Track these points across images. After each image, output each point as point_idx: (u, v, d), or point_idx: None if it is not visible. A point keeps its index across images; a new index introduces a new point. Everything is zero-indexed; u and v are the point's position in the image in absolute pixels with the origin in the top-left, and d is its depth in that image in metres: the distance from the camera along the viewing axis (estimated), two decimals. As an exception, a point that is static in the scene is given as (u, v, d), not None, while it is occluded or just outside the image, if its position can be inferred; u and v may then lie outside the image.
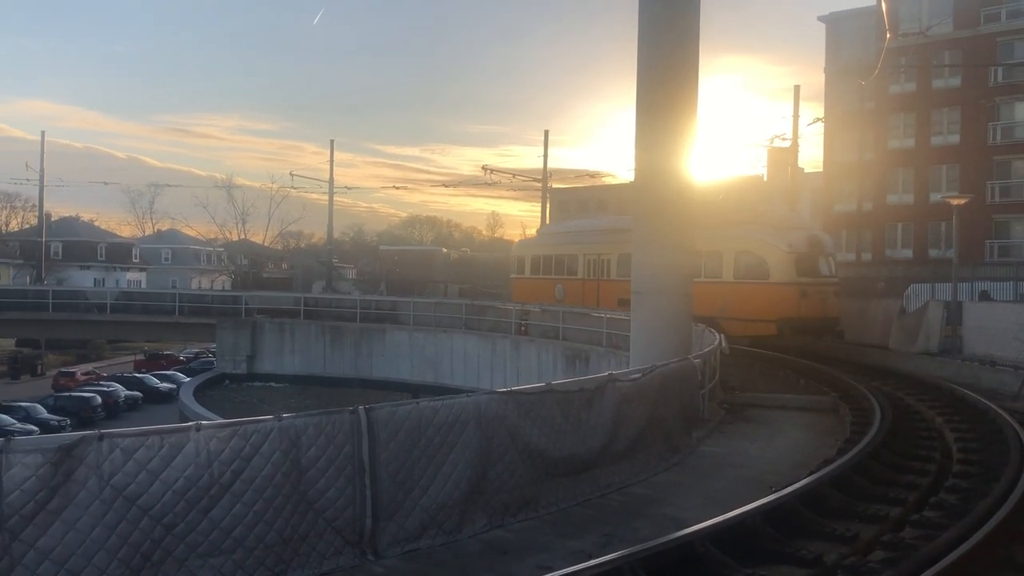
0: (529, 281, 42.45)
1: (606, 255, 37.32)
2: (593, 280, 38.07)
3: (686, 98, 16.12)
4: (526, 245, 46.93)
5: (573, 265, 39.64)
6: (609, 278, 36.62)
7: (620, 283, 34.10)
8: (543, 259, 42.00)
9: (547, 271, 41.32)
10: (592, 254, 38.46)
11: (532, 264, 42.64)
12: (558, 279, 40.44)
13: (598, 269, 37.67)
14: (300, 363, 43.87)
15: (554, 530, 8.96)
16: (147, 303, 50.32)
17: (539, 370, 33.02)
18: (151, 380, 64.64)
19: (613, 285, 35.63)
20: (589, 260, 38.56)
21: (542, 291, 40.68)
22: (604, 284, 37.00)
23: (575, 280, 39.14)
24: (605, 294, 36.53)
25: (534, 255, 43.02)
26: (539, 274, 41.81)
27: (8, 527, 5.94)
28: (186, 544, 6.72)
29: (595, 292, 37.46)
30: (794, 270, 29.11)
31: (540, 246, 43.70)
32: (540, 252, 42.74)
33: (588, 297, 37.50)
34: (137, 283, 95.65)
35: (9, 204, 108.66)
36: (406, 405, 8.54)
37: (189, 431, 6.89)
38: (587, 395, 10.64)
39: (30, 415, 50.44)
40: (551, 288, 40.48)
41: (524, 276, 42.91)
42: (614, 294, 35.05)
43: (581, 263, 39.16)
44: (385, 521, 7.99)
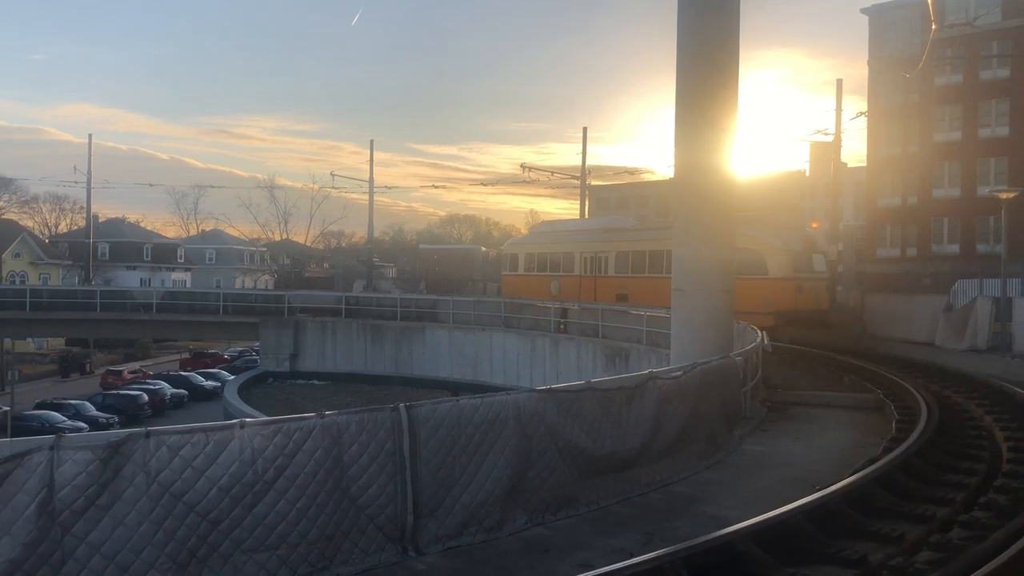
0: (522, 278, 44.19)
1: (603, 253, 39.28)
2: (590, 277, 39.81)
3: (726, 93, 15.98)
4: (518, 244, 48.61)
5: (569, 263, 41.47)
6: (606, 275, 38.69)
7: (617, 279, 38.16)
8: (537, 257, 43.86)
9: (542, 268, 43.13)
10: (589, 252, 40.25)
11: (526, 262, 44.43)
12: (554, 276, 42.24)
13: (595, 266, 39.51)
14: (342, 361, 44.26)
15: (595, 528, 8.94)
16: (192, 303, 51.13)
17: (579, 368, 32.93)
18: (196, 378, 65.70)
19: (610, 281, 38.18)
20: (586, 258, 40.39)
21: (536, 287, 42.26)
22: (601, 280, 38.95)
23: (572, 277, 40.94)
24: (602, 290, 38.48)
25: (527, 253, 44.87)
26: (533, 271, 43.64)
27: (60, 522, 6.08)
28: (231, 540, 6.82)
29: (592, 288, 39.21)
30: (790, 266, 31.25)
31: (533, 244, 45.41)
32: (534, 250, 44.51)
33: (585, 293, 39.09)
34: (182, 283, 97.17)
35: (58, 206, 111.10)
36: (446, 403, 8.58)
37: (234, 428, 7.00)
38: (627, 393, 10.60)
39: (79, 412, 51.57)
40: (546, 285, 42.16)
41: (517, 273, 44.76)
42: (611, 290, 37.83)
43: (578, 261, 40.97)
44: (426, 518, 8.03)
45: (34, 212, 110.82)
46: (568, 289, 40.99)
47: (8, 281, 72.96)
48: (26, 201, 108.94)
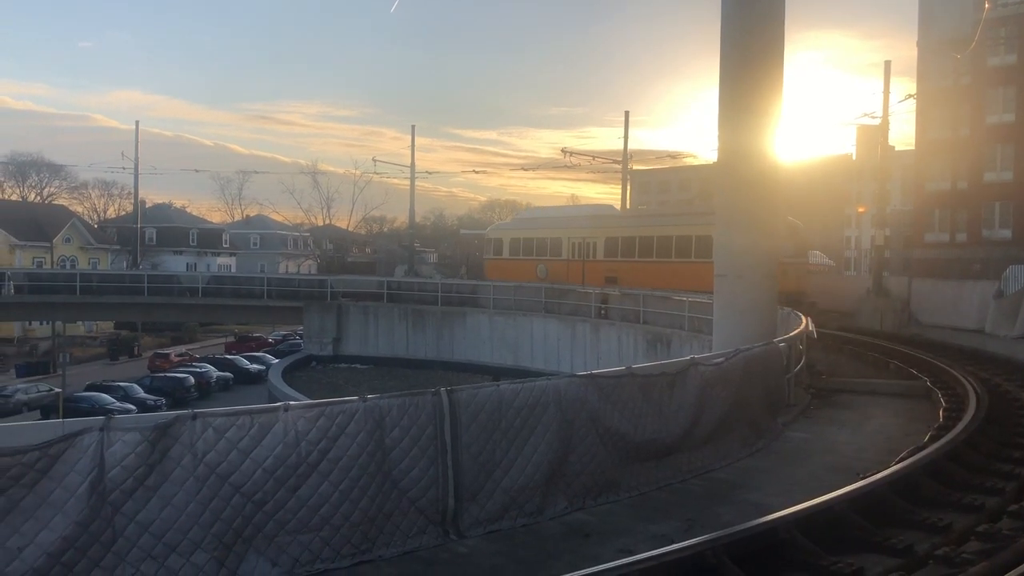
0: (507, 262, 46.32)
1: (591, 239, 42.13)
2: (578, 261, 42.61)
3: (771, 76, 15.74)
4: (502, 229, 50.82)
5: (557, 247, 44.14)
6: (595, 259, 41.73)
7: (606, 263, 41.26)
8: (523, 242, 46.18)
9: (528, 253, 45.63)
10: (577, 238, 42.98)
11: (511, 246, 46.76)
12: (540, 259, 44.75)
13: (584, 251, 42.32)
14: (384, 345, 44.62)
15: (635, 514, 8.93)
16: (237, 287, 51.83)
17: (620, 354, 32.82)
18: (241, 361, 66.66)
19: (599, 265, 41.24)
20: (574, 243, 43.09)
21: (522, 271, 44.38)
22: (590, 264, 41.92)
23: (559, 261, 43.64)
24: (591, 273, 41.34)
25: (512, 238, 47.14)
26: (519, 256, 45.99)
27: (111, 501, 6.22)
28: (275, 521, 6.93)
29: (580, 271, 41.88)
30: None
31: (518, 230, 47.58)
32: (519, 235, 46.80)
33: (573, 276, 41.75)
34: (227, 268, 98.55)
35: (107, 192, 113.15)
36: (487, 387, 8.60)
37: (278, 411, 7.09)
38: (669, 379, 10.55)
39: (128, 395, 52.64)
40: (532, 268, 44.54)
41: (502, 257, 46.83)
42: (600, 273, 40.75)
43: (566, 245, 43.62)
44: (467, 502, 8.08)
45: (83, 198, 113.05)
46: (555, 272, 43.20)
47: (59, 265, 74.63)
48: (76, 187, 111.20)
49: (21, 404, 52.75)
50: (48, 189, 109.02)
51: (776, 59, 15.85)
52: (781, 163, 16.67)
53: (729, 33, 15.98)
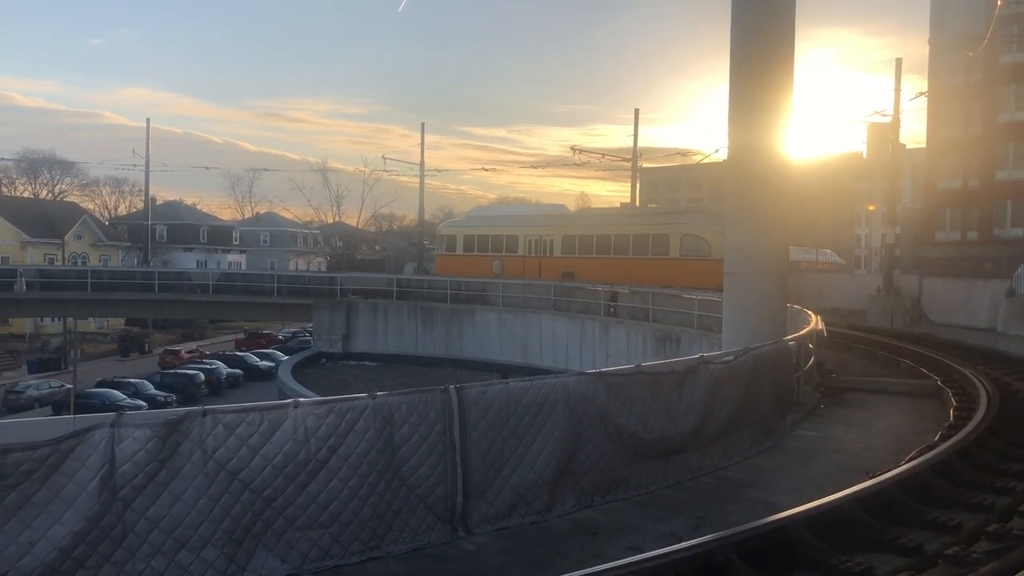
0: (460, 258, 48.06)
1: (548, 236, 44.49)
2: (535, 257, 44.90)
3: (780, 73, 15.69)
4: (454, 226, 52.27)
5: (513, 244, 46.13)
6: (552, 255, 44.17)
7: (563, 259, 43.76)
8: (477, 238, 47.86)
9: (482, 249, 47.34)
10: (533, 235, 45.23)
11: (464, 243, 48.44)
12: (496, 256, 46.65)
13: (540, 248, 44.65)
14: (393, 342, 44.67)
15: (644, 512, 8.93)
16: (247, 284, 51.97)
17: (628, 352, 32.79)
18: (251, 358, 66.86)
19: (556, 261, 43.78)
20: (530, 240, 45.30)
21: (476, 266, 46.19)
22: (546, 260, 44.25)
23: (515, 257, 45.76)
24: (547, 269, 43.53)
25: (466, 235, 48.72)
26: (473, 252, 47.76)
27: (121, 497, 6.25)
28: (285, 517, 6.96)
29: (537, 267, 44.18)
30: None
31: (471, 228, 49.31)
32: (473, 232, 48.50)
33: (529, 271, 43.96)
34: (237, 265, 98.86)
35: (118, 189, 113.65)
36: (496, 385, 8.61)
37: (287, 408, 7.11)
38: (678, 377, 10.54)
39: (139, 391, 52.88)
40: (487, 264, 46.45)
41: (455, 254, 48.71)
42: (557, 269, 43.11)
43: (522, 242, 45.71)
44: (476, 499, 8.09)
45: (94, 195, 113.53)
46: (511, 268, 45.26)
47: (70, 262, 74.96)
48: (87, 184, 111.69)
49: (33, 400, 53.06)
50: (59, 186, 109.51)
51: (786, 56, 15.80)
52: (791, 161, 16.63)
53: (739, 30, 15.95)
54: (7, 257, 73.12)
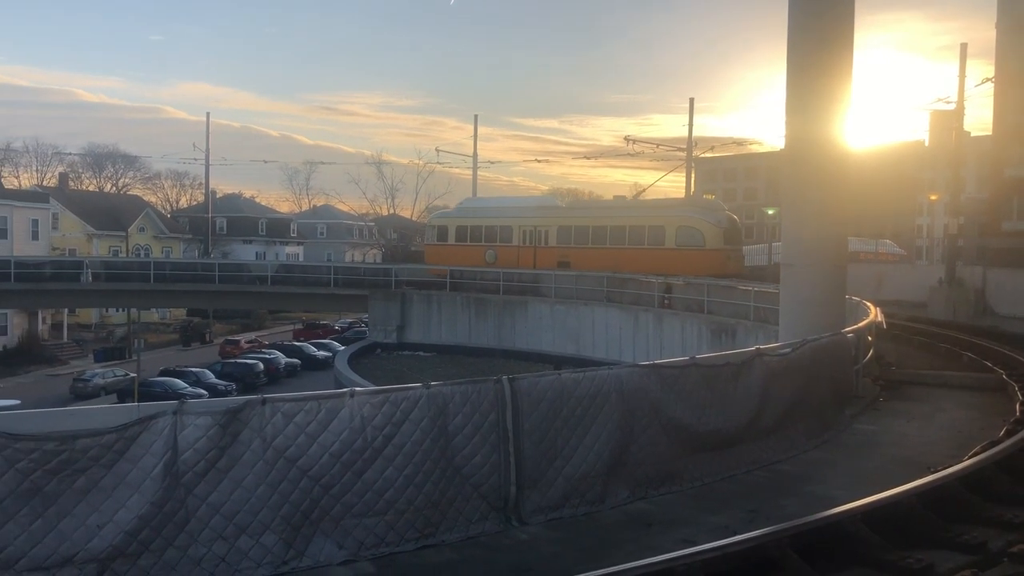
0: (452, 248, 49.31)
1: (544, 227, 46.43)
2: (529, 247, 46.51)
3: (839, 60, 15.39)
4: (445, 217, 53.97)
5: (507, 234, 47.80)
6: (547, 245, 46.01)
7: (558, 249, 45.56)
8: (470, 229, 49.39)
9: (475, 239, 48.90)
10: (528, 225, 46.89)
11: (456, 233, 49.84)
12: (489, 246, 48.17)
13: (535, 237, 46.41)
14: (446, 333, 44.98)
15: (697, 504, 8.88)
16: (304, 275, 52.79)
17: (683, 344, 32.55)
18: (309, 348, 67.90)
19: (551, 251, 45.65)
20: (524, 230, 46.97)
21: (468, 256, 47.62)
22: (541, 250, 46.03)
23: (510, 247, 47.33)
24: (542, 258, 45.39)
25: (458, 226, 50.18)
26: (465, 242, 49.20)
27: (184, 483, 6.43)
28: (342, 504, 7.07)
29: (531, 256, 45.83)
30: (722, 240, 40.63)
31: (463, 219, 50.78)
32: (465, 223, 50.01)
33: (523, 260, 45.67)
34: (295, 256, 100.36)
35: (179, 182, 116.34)
36: (548, 376, 8.63)
37: (344, 397, 7.22)
38: (733, 369, 10.44)
39: (200, 380, 54.09)
40: (480, 253, 47.96)
41: (446, 244, 49.95)
42: (552, 258, 45.08)
43: (516, 232, 47.34)
44: (529, 489, 8.13)
45: (156, 188, 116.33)
46: (505, 257, 46.80)
47: (134, 254, 76.90)
48: (149, 178, 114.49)
49: (99, 388, 54.67)
50: (123, 180, 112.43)
51: (845, 43, 15.48)
52: (850, 150, 16.31)
53: (797, 16, 15.67)
54: (74, 249, 75.30)
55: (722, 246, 40.57)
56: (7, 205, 67.61)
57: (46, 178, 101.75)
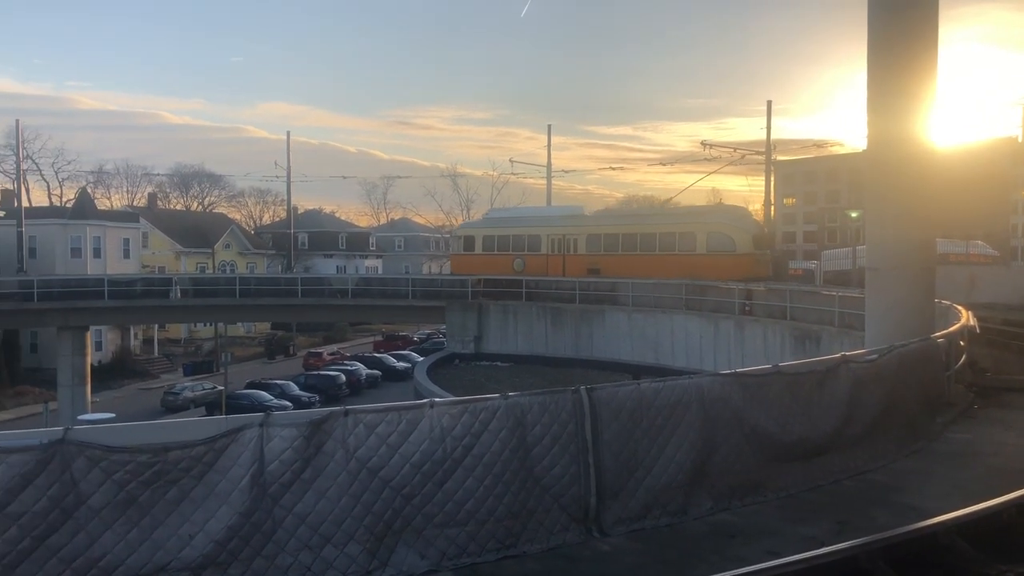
0: (480, 257, 50.60)
1: (572, 235, 47.52)
2: (558, 255, 47.55)
3: (923, 56, 14.91)
4: (473, 227, 55.48)
5: (535, 243, 48.83)
6: (576, 253, 47.09)
7: (588, 257, 46.73)
8: (497, 238, 50.47)
9: (503, 248, 49.94)
10: (556, 234, 48.01)
11: (484, 243, 50.93)
12: (517, 255, 49.32)
13: (563, 246, 47.52)
14: (523, 343, 45.00)
15: (783, 515, 8.68)
16: (383, 288, 53.57)
17: (766, 351, 31.90)
18: (388, 359, 68.90)
19: (581, 258, 46.71)
20: (553, 239, 48.09)
21: (497, 265, 48.83)
22: (571, 258, 47.14)
23: (538, 255, 48.43)
24: (571, 266, 46.52)
25: (485, 236, 51.38)
26: (493, 251, 50.33)
27: (270, 493, 6.57)
28: (423, 515, 7.13)
29: (560, 265, 46.98)
30: (751, 245, 42.17)
31: (490, 228, 52.22)
32: (492, 233, 51.19)
33: (553, 269, 46.84)
34: (374, 269, 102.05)
35: (262, 200, 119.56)
36: (627, 386, 8.56)
37: (424, 408, 7.29)
38: (818, 377, 10.19)
39: (284, 392, 55.38)
40: (508, 262, 49.11)
41: (473, 253, 51.28)
42: (582, 266, 46.15)
43: (544, 241, 48.43)
44: (609, 500, 8.07)
45: (240, 206, 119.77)
46: (534, 266, 48.02)
47: (220, 270, 79.22)
48: (233, 196, 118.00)
49: (188, 401, 56.48)
50: (209, 198, 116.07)
51: (929, 37, 15.00)
52: (936, 149, 15.79)
53: (877, 12, 15.26)
54: (163, 267, 78.03)
55: (752, 251, 42.06)
56: (100, 225, 70.47)
57: (136, 198, 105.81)
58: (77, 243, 68.04)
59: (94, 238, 69.21)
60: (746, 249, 41.82)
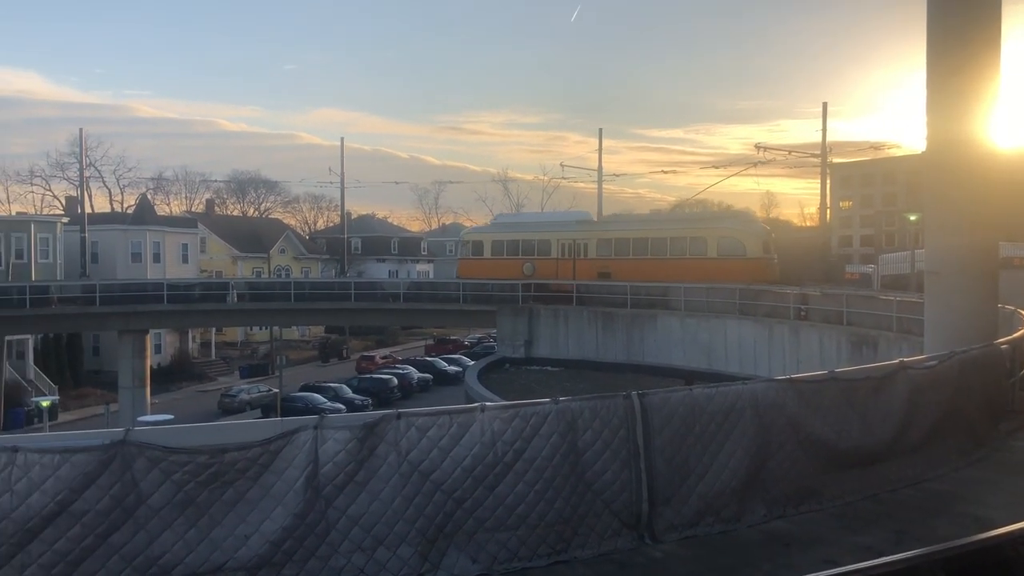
0: (489, 261, 51.68)
1: (583, 239, 49.10)
2: (567, 259, 49.00)
3: (985, 54, 14.54)
4: (480, 232, 56.53)
5: (545, 247, 50.21)
6: (587, 257, 48.63)
7: (599, 261, 48.25)
8: (506, 243, 51.80)
9: (512, 252, 51.25)
10: (566, 239, 49.51)
11: (492, 248, 52.23)
12: (527, 259, 50.50)
13: (573, 250, 49.08)
14: (574, 348, 44.86)
15: (839, 523, 8.53)
16: (435, 292, 53.92)
17: (821, 357, 31.38)
18: (440, 363, 69.31)
19: (591, 263, 48.23)
20: (563, 244, 49.54)
21: (505, 269, 49.70)
22: (581, 262, 48.53)
23: (548, 260, 49.71)
24: (582, 270, 47.96)
25: (494, 240, 52.63)
26: (502, 255, 51.47)
27: (324, 495, 6.66)
28: (475, 519, 7.16)
29: (570, 269, 48.26)
30: (762, 249, 43.89)
31: (498, 233, 53.42)
32: (501, 238, 52.53)
33: (563, 273, 48.16)
34: (426, 274, 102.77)
35: (316, 205, 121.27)
36: (679, 391, 8.50)
37: (475, 412, 7.32)
38: (875, 383, 10.00)
39: (338, 395, 56.03)
40: (517, 266, 50.09)
41: (482, 258, 52.45)
42: (593, 270, 47.69)
43: (555, 245, 49.80)
44: (661, 506, 8.01)
45: (295, 211, 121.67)
46: (544, 270, 49.14)
47: (275, 275, 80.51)
48: (288, 201, 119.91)
49: (244, 403, 57.49)
50: (264, 204, 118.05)
51: (991, 35, 14.62)
52: (999, 149, 15.39)
53: (936, 9, 14.93)
54: (220, 271, 79.53)
55: (762, 255, 43.75)
56: (160, 231, 72.19)
57: (194, 204, 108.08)
58: (137, 248, 69.79)
59: (154, 243, 70.93)
60: (757, 253, 43.60)
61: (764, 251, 43.89)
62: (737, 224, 45.89)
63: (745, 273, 41.42)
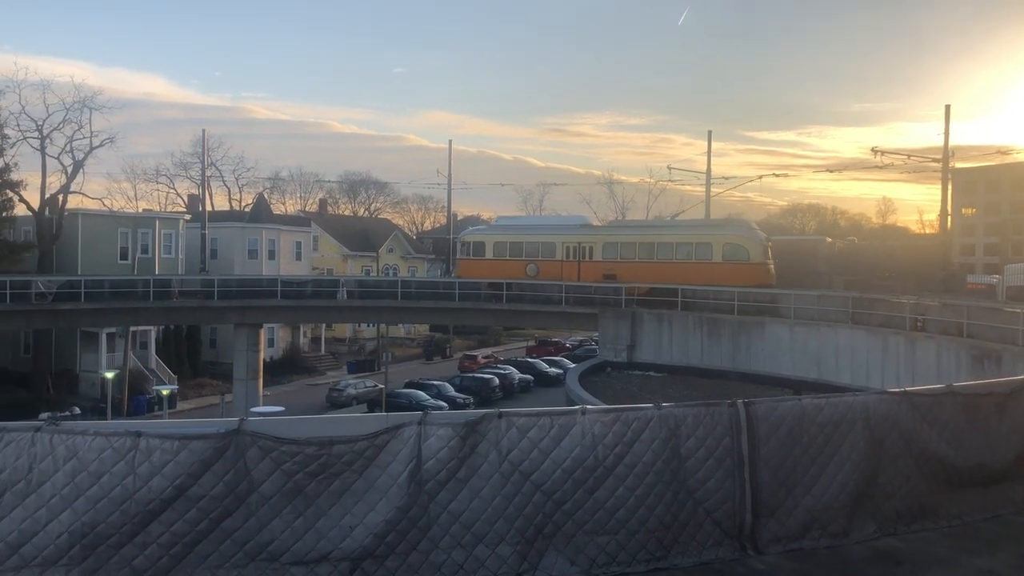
0: (491, 262, 53.49)
1: (588, 242, 51.34)
2: (572, 261, 51.13)
3: None
4: (482, 233, 58.45)
5: (550, 249, 52.28)
6: (592, 260, 50.89)
7: (604, 263, 50.75)
8: (509, 245, 53.85)
9: (515, 254, 53.36)
10: (572, 241, 51.71)
11: (494, 249, 54.09)
12: (530, 260, 52.69)
13: (579, 253, 51.23)
14: (677, 353, 44.25)
15: (956, 544, 8.14)
16: (536, 294, 54.01)
17: (938, 370, 30.05)
18: (541, 365, 69.50)
19: (596, 265, 50.61)
20: (568, 246, 51.63)
21: (507, 270, 51.80)
22: (585, 264, 50.83)
23: (553, 261, 51.72)
24: (587, 271, 50.26)
25: (496, 242, 54.57)
26: (505, 256, 53.54)
27: (426, 490, 6.77)
28: (574, 521, 7.14)
29: (575, 271, 50.48)
30: (764, 254, 47.20)
31: (500, 235, 55.46)
32: (503, 240, 54.48)
33: (567, 275, 50.15)
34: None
35: (424, 206, 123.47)
36: (787, 401, 8.28)
37: (576, 414, 7.31)
38: (998, 399, 9.50)
39: (441, 392, 56.87)
40: (520, 267, 52.41)
41: (484, 258, 54.18)
42: (598, 271, 50.03)
43: (559, 248, 51.87)
44: (765, 518, 7.82)
45: (403, 212, 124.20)
46: (548, 271, 51.16)
47: (383, 273, 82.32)
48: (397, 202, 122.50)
49: (351, 397, 59.01)
50: (374, 204, 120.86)
51: None
52: None
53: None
54: (331, 269, 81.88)
55: (763, 260, 47.16)
56: (275, 229, 74.80)
57: (308, 204, 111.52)
58: (254, 245, 72.51)
59: (269, 241, 73.56)
60: (759, 259, 47.18)
61: (764, 256, 47.56)
62: (739, 231, 49.28)
63: (748, 277, 45.23)
